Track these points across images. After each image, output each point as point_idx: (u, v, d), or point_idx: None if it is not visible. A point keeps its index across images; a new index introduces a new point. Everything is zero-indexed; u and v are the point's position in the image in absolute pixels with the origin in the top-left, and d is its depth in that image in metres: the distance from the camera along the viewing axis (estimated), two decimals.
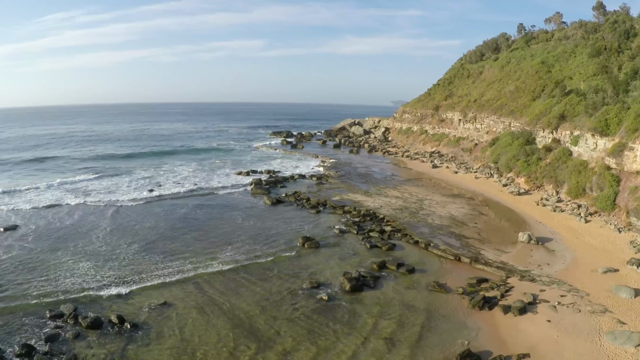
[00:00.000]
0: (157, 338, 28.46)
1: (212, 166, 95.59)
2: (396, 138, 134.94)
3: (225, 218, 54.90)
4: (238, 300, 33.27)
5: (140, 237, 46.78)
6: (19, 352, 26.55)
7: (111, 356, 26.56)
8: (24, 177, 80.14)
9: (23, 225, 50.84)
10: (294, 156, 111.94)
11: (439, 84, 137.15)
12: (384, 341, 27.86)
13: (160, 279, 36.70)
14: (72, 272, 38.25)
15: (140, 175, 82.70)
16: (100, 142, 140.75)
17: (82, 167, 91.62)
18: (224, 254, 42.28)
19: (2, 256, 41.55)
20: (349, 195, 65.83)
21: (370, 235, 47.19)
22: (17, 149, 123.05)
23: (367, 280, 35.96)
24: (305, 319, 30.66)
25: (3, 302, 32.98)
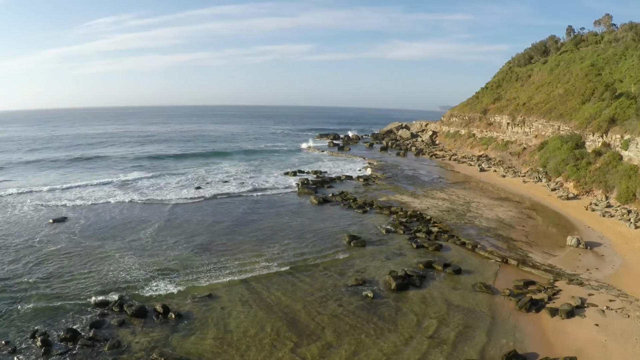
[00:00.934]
0: (201, 329, 28.84)
1: (260, 166, 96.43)
2: (443, 141, 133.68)
3: (272, 216, 55.28)
4: (282, 295, 33.49)
5: (188, 234, 47.46)
6: (63, 336, 27.20)
7: (155, 344, 26.99)
8: (75, 174, 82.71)
9: (72, 219, 52.39)
10: (340, 158, 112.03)
11: (487, 87, 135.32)
12: (428, 339, 27.58)
13: (206, 273, 37.16)
14: (118, 263, 39.20)
15: (189, 174, 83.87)
16: (149, 142, 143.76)
17: (132, 166, 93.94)
18: (270, 251, 42.55)
19: (50, 247, 42.89)
20: (395, 196, 65.57)
21: (417, 235, 46.81)
22: (69, 148, 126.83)
23: (413, 279, 35.69)
24: (350, 315, 30.63)
25: (50, 288, 34.04)
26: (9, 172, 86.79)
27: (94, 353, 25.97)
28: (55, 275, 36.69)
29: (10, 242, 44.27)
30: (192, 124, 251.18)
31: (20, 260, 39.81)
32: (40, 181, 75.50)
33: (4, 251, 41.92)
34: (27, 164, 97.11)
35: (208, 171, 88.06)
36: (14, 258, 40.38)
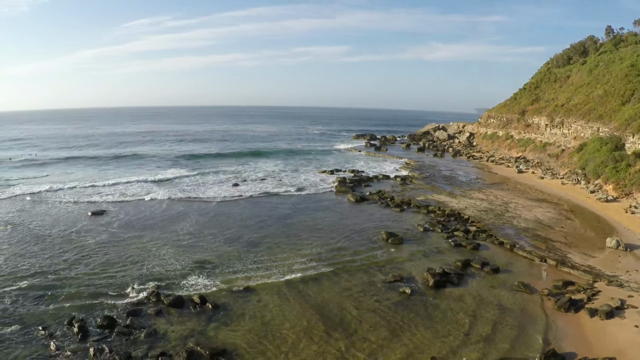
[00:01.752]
0: (238, 320, 29.15)
1: (297, 165, 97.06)
2: (481, 143, 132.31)
3: (309, 213, 55.59)
4: (320, 290, 33.70)
5: (225, 229, 47.97)
6: (100, 323, 27.84)
7: (191, 333, 27.37)
8: (114, 171, 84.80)
9: (110, 212, 53.90)
10: (377, 158, 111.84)
11: (525, 88, 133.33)
12: (465, 337, 27.40)
13: (243, 268, 37.54)
14: (155, 256, 39.98)
15: (227, 172, 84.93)
16: (187, 141, 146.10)
17: (170, 164, 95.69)
18: (307, 247, 42.79)
19: (89, 239, 44.14)
20: (433, 195, 65.16)
21: (455, 234, 46.50)
22: (107, 145, 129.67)
23: (451, 277, 35.47)
24: (387, 311, 30.63)
25: (87, 278, 34.99)
26: (49, 168, 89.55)
27: (131, 341, 26.51)
28: (92, 265, 37.73)
29: (49, 234, 45.72)
30: (228, 124, 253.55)
31: (59, 250, 41.10)
32: (80, 177, 77.99)
33: (44, 242, 43.28)
34: (66, 160, 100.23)
35: (245, 169, 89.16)
36: (53, 249, 41.68)
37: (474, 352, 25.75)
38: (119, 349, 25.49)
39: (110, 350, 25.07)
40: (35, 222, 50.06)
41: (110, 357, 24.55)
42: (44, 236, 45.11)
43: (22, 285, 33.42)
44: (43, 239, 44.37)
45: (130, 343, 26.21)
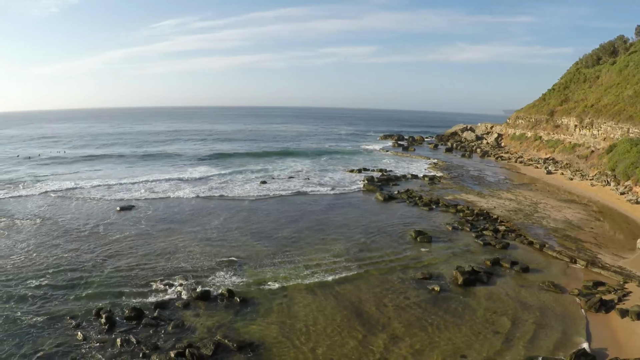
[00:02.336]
0: (266, 314, 29.24)
1: (325, 164, 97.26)
2: (509, 144, 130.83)
3: (336, 211, 55.63)
4: (348, 286, 33.64)
5: (253, 226, 48.15)
6: (127, 314, 28.10)
7: (218, 326, 27.52)
8: (143, 169, 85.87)
9: (139, 208, 54.61)
10: (405, 158, 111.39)
11: (554, 88, 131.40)
12: (495, 334, 27.13)
13: (271, 264, 37.61)
14: (183, 251, 40.33)
15: (255, 171, 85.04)
16: (215, 140, 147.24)
17: (199, 162, 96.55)
18: (335, 244, 42.79)
19: (116, 234, 44.82)
20: (461, 195, 64.74)
21: (484, 233, 46.12)
22: (136, 144, 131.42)
23: (481, 276, 35.20)
24: (416, 308, 30.49)
25: (115, 271, 35.46)
26: (78, 165, 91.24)
27: (158, 332, 26.74)
28: (120, 259, 38.27)
29: (78, 228, 46.58)
30: (256, 124, 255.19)
31: (87, 244, 41.84)
32: (108, 174, 79.12)
33: (72, 236, 44.12)
34: (95, 158, 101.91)
35: (274, 168, 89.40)
36: (81, 242, 42.46)
37: (504, 350, 25.49)
38: (145, 340, 25.75)
39: (137, 342, 25.33)
40: (64, 216, 51.05)
41: (137, 348, 24.80)
42: (73, 230, 46.00)
43: (49, 277, 34.06)
44: (71, 232, 45.25)
45: (157, 334, 26.47)
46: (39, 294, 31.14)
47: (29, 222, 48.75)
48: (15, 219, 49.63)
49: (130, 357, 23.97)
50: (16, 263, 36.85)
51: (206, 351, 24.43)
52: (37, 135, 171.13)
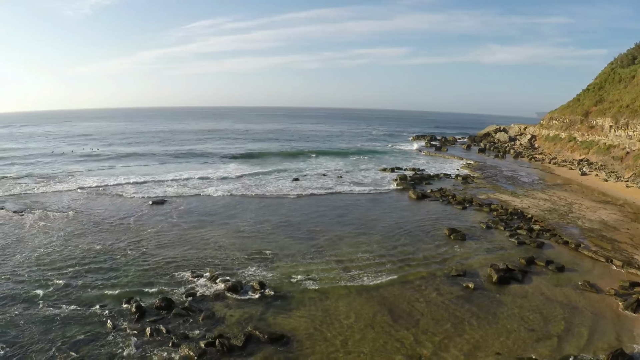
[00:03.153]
0: (297, 307, 29.03)
1: (356, 163, 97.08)
2: (542, 145, 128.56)
3: (369, 208, 55.27)
4: (381, 281, 33.30)
5: (285, 223, 47.98)
6: (158, 304, 28.17)
7: (249, 318, 27.33)
8: (176, 167, 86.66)
9: (171, 203, 55.47)
10: (438, 158, 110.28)
11: (588, 89, 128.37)
12: (529, 332, 26.52)
13: (303, 259, 37.46)
14: (215, 243, 40.58)
15: (287, 169, 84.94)
16: (248, 140, 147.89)
17: (231, 161, 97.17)
18: (369, 240, 42.46)
19: (149, 227, 45.48)
20: (495, 194, 63.66)
21: (518, 232, 45.13)
22: (170, 143, 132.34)
23: (515, 274, 34.46)
24: (449, 304, 30.01)
25: (146, 262, 35.86)
26: (111, 161, 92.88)
27: (188, 322, 26.74)
28: (151, 250, 38.73)
29: (110, 220, 47.46)
30: (289, 124, 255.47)
31: (119, 235, 42.57)
32: (141, 171, 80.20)
33: (104, 227, 45.00)
34: (128, 155, 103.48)
35: (307, 167, 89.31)
36: (113, 233, 43.32)
37: (540, 349, 24.83)
38: (175, 329, 25.75)
39: (167, 331, 25.33)
40: (96, 209, 51.99)
41: (167, 337, 24.75)
42: (104, 222, 46.79)
43: (80, 266, 34.61)
44: (103, 224, 46.02)
45: (188, 325, 26.45)
46: (70, 283, 31.56)
47: (62, 214, 49.72)
48: (49, 211, 50.70)
49: (160, 346, 23.96)
50: (49, 252, 37.55)
51: (237, 342, 24.26)
52: (71, 133, 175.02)
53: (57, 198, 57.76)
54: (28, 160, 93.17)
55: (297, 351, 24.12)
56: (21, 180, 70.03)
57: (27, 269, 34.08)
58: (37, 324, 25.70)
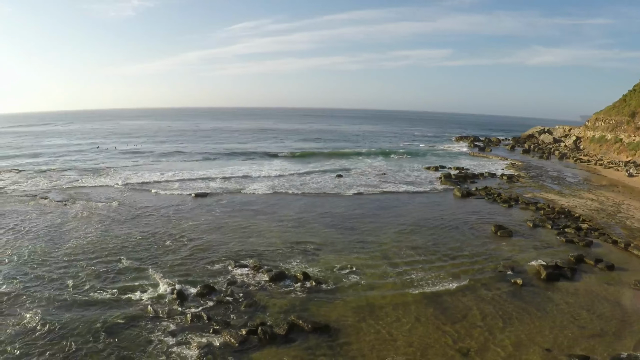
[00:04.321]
0: (341, 299, 28.48)
1: (399, 162, 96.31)
2: (588, 147, 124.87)
3: (414, 205, 54.67)
4: (427, 274, 32.68)
5: (329, 218, 47.59)
6: (200, 291, 28.17)
7: (292, 307, 26.93)
8: (219, 163, 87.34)
9: (214, 197, 55.87)
10: (482, 158, 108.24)
11: (634, 89, 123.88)
12: (579, 329, 25.46)
13: (348, 252, 37.00)
14: (258, 235, 40.51)
15: (330, 167, 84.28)
16: (290, 139, 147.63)
17: (273, 159, 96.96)
18: (413, 235, 41.77)
19: (190, 219, 45.72)
20: (541, 194, 61.80)
21: (566, 231, 43.67)
22: (213, 141, 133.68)
23: (564, 271, 33.24)
24: (498, 299, 29.13)
25: (188, 251, 36.07)
26: (155, 158, 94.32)
27: (230, 310, 26.54)
28: (194, 239, 39.03)
29: (153, 212, 48.07)
30: (330, 124, 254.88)
31: (162, 225, 43.16)
32: (184, 167, 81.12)
33: (147, 218, 45.69)
34: (171, 153, 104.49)
35: (350, 165, 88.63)
36: (156, 223, 43.94)
37: (591, 346, 23.80)
38: (216, 316, 25.58)
39: (209, 318, 25.15)
40: (139, 202, 52.79)
41: (208, 324, 24.57)
42: (146, 213, 47.57)
43: (123, 254, 34.97)
44: (145, 215, 46.80)
45: (229, 312, 26.25)
46: (111, 269, 31.98)
47: (104, 205, 50.78)
48: (92, 202, 51.98)
49: (200, 332, 23.76)
50: (90, 239, 38.33)
51: (279, 331, 23.92)
52: (115, 131, 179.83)
53: (99, 190, 59.16)
54: (72, 156, 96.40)
55: (341, 341, 23.66)
56: (65, 173, 72.42)
57: (69, 254, 34.84)
58: (76, 308, 26.05)
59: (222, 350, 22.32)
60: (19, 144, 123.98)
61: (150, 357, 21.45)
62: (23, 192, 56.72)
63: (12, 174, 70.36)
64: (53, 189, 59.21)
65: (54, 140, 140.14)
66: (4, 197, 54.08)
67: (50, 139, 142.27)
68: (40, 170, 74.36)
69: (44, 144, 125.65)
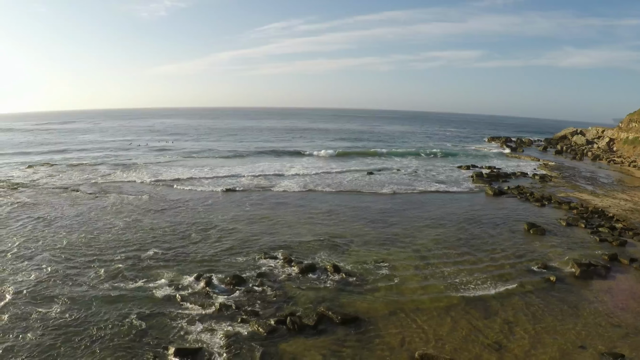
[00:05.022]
0: (372, 291, 28.09)
1: (431, 161, 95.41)
2: (621, 148, 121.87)
3: (445, 202, 54.15)
4: (459, 268, 32.25)
5: (361, 214, 47.16)
6: (228, 281, 28.02)
7: (322, 299, 26.59)
8: (252, 160, 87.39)
9: (243, 192, 56.04)
10: (513, 158, 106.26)
11: None
12: (614, 327, 24.69)
13: (380, 245, 36.73)
14: (287, 229, 40.27)
15: (362, 166, 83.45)
16: (321, 138, 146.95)
17: (304, 157, 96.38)
18: (446, 232, 41.23)
19: (219, 212, 45.76)
20: (574, 193, 60.42)
21: (599, 230, 42.57)
22: (243, 139, 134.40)
23: (598, 269, 32.31)
24: (531, 296, 28.46)
25: (218, 242, 36.20)
26: (188, 154, 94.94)
27: (258, 300, 26.34)
28: (223, 232, 38.99)
29: (183, 205, 48.30)
30: (362, 124, 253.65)
31: (192, 218, 43.29)
32: (216, 164, 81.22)
33: (178, 211, 45.82)
34: (204, 150, 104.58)
35: (382, 163, 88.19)
36: (186, 215, 44.28)
37: (625, 344, 23.04)
38: (245, 306, 25.41)
39: (236, 307, 25.04)
40: (169, 195, 53.30)
41: (236, 313, 24.45)
42: (176, 206, 47.83)
43: (150, 244, 35.22)
44: (175, 207, 47.06)
45: (258, 302, 26.04)
46: (141, 258, 32.21)
47: (135, 197, 51.35)
48: (122, 194, 52.63)
49: (228, 321, 23.66)
50: (119, 230, 38.74)
51: (308, 321, 23.65)
52: (148, 129, 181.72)
53: (130, 184, 59.86)
54: (104, 151, 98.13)
55: (370, 333, 23.31)
56: (97, 167, 73.69)
57: (98, 243, 35.30)
58: (105, 296, 26.22)
59: (249, 339, 22.16)
60: (54, 140, 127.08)
61: (177, 343, 21.45)
62: (55, 185, 57.85)
63: (45, 168, 71.98)
64: (85, 182, 60.23)
65: (87, 136, 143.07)
66: (37, 189, 55.28)
67: (83, 136, 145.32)
68: (73, 165, 75.92)
69: (77, 140, 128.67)
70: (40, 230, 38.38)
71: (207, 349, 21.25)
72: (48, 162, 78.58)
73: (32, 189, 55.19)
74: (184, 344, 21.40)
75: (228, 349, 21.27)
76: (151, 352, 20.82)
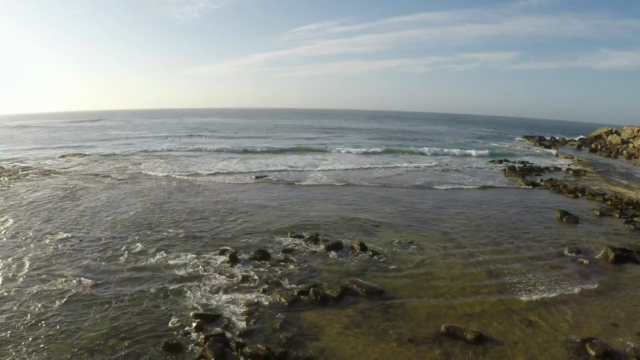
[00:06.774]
0: (398, 269, 27.31)
1: (463, 156, 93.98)
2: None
3: (477, 192, 53.22)
4: (490, 251, 31.27)
5: (389, 198, 46.90)
6: (253, 256, 27.66)
7: (347, 274, 25.96)
8: (284, 156, 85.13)
9: (273, 181, 55.99)
10: (547, 154, 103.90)
11: None
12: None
13: (407, 227, 36.10)
14: (316, 212, 39.65)
15: (394, 160, 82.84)
16: (354, 137, 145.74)
17: (336, 153, 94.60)
18: (477, 218, 40.21)
19: (249, 197, 45.70)
20: (608, 186, 58.12)
21: (634, 219, 40.64)
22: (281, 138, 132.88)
23: (633, 255, 30.66)
24: (564, 277, 27.28)
25: (245, 222, 36.00)
26: (221, 147, 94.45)
27: (282, 273, 25.91)
28: (251, 213, 38.93)
29: (212, 192, 47.75)
30: (396, 125, 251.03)
31: (219, 203, 42.76)
32: (249, 157, 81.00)
33: (205, 197, 45.28)
34: (238, 146, 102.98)
35: (415, 159, 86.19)
36: (216, 198, 44.46)
37: None
38: (268, 278, 25.03)
39: (260, 279, 24.72)
40: (198, 183, 53.10)
41: (259, 284, 24.13)
42: (205, 193, 47.39)
43: (179, 225, 35.08)
44: (203, 194, 46.66)
45: (282, 275, 25.64)
46: (168, 237, 31.99)
47: (165, 183, 51.99)
48: (154, 181, 53.25)
49: (251, 291, 23.33)
50: (147, 212, 38.68)
51: (332, 293, 23.04)
52: (184, 125, 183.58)
53: (162, 172, 60.04)
54: (137, 144, 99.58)
55: (396, 306, 22.48)
56: (129, 157, 74.48)
57: (126, 223, 35.34)
58: (130, 269, 26.08)
59: (271, 309, 21.69)
60: (86, 136, 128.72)
61: (197, 310, 21.23)
62: (87, 172, 58.82)
63: (78, 157, 73.37)
64: (115, 169, 60.81)
65: (123, 131, 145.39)
66: (68, 175, 56.19)
67: (117, 131, 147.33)
68: (105, 155, 76.83)
69: (111, 135, 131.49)
70: (67, 210, 38.81)
71: (226, 315, 20.90)
72: (80, 153, 79.68)
73: (64, 175, 56.11)
74: (204, 311, 21.10)
75: (248, 316, 20.89)
76: (172, 317, 20.53)
